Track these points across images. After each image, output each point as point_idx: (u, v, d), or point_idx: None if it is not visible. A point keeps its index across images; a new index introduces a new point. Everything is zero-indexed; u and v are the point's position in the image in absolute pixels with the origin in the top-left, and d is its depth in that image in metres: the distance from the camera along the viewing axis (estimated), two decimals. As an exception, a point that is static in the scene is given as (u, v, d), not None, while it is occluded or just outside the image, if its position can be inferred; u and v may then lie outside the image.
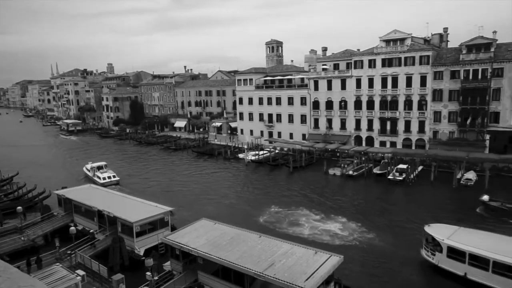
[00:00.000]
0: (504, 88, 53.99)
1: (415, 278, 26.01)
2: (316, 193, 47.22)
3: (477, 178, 48.37)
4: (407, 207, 41.17)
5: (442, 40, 67.38)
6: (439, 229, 27.50)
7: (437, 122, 59.86)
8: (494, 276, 22.68)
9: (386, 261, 28.35)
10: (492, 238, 25.71)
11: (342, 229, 34.79)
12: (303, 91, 73.14)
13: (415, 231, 33.91)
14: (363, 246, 31.14)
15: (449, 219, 35.57)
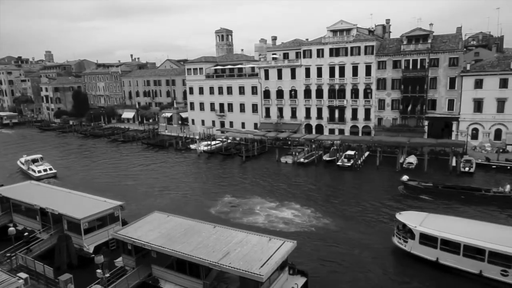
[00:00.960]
0: (439, 77, 57.86)
1: (369, 259, 27.27)
2: (269, 181, 47.95)
3: (418, 162, 51.76)
4: (355, 191, 43.08)
5: (385, 31, 70.62)
6: (409, 216, 27.83)
7: (381, 110, 62.97)
8: (465, 259, 23.58)
9: (339, 244, 29.47)
10: (460, 223, 26.57)
11: (297, 215, 35.67)
12: (254, 80, 73.38)
13: (364, 214, 35.74)
14: (317, 231, 32.15)
15: (387, 199, 38.88)
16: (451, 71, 57.03)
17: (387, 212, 35.77)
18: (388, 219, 33.81)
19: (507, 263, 22.17)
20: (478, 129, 57.06)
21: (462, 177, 46.07)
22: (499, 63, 56.35)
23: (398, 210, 36.23)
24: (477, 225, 26.41)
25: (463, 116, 57.45)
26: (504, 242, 22.69)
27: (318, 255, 27.89)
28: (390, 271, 25.70)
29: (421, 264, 25.76)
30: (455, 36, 59.97)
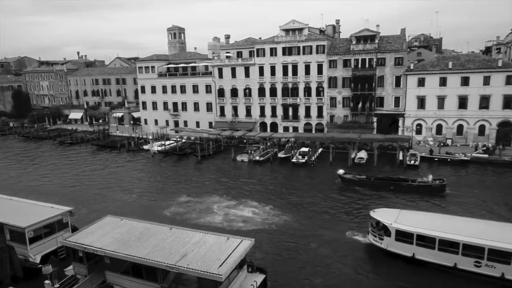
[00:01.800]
0: (386, 76, 60.81)
1: (325, 253, 28.05)
2: (226, 180, 47.82)
3: (368, 157, 54.09)
4: (309, 187, 44.03)
5: (335, 31, 72.93)
6: (383, 213, 28.11)
7: (333, 107, 65.02)
8: (440, 253, 24.20)
9: (297, 240, 29.96)
10: (433, 218, 27.34)
11: (255, 213, 35.83)
12: (208, 79, 72.75)
13: (318, 208, 36.69)
14: (276, 228, 32.47)
15: (334, 193, 40.66)
16: (397, 70, 60.14)
17: (338, 205, 37.08)
18: (338, 212, 35.06)
19: (479, 255, 23.01)
20: (422, 124, 60.72)
21: (408, 170, 48.82)
22: (438, 63, 60.29)
23: (342, 202, 37.69)
24: (449, 219, 27.36)
25: (408, 113, 60.84)
26: (476, 235, 23.63)
27: (276, 251, 28.22)
28: (349, 263, 26.34)
29: (375, 255, 26.98)
30: (399, 37, 63.28)
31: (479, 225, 25.68)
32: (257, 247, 24.99)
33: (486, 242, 22.84)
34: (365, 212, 35.43)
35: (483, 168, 49.02)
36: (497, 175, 46.38)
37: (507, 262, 22.29)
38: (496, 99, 56.35)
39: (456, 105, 58.32)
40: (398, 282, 23.90)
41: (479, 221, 27.05)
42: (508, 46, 67.13)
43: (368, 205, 36.70)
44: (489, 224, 26.13)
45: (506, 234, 23.71)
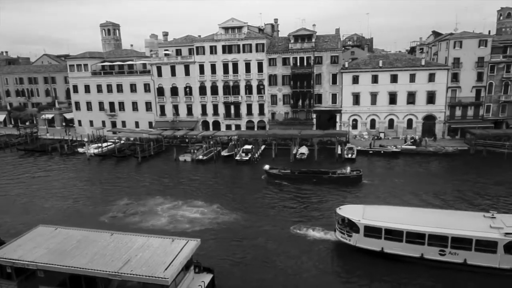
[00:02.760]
0: (323, 73, 63.22)
1: (273, 249, 28.44)
2: (169, 180, 46.63)
3: (309, 152, 55.88)
4: (253, 184, 44.49)
5: (274, 30, 74.24)
6: (349, 210, 28.18)
7: (274, 105, 66.21)
8: (408, 245, 24.88)
9: (243, 237, 30.07)
10: (397, 211, 28.15)
11: (201, 212, 35.32)
12: (146, 78, 70.30)
13: (266, 205, 37.14)
14: (222, 226, 32.28)
15: (276, 189, 41.35)
16: (333, 68, 62.77)
17: (281, 200, 37.95)
18: (282, 207, 35.91)
19: (443, 243, 24.15)
20: (357, 119, 64.10)
21: (346, 163, 51.11)
22: (370, 61, 63.98)
23: (284, 198, 38.41)
24: (413, 211, 28.35)
25: (344, 109, 63.85)
26: (440, 225, 24.75)
27: (224, 249, 28.08)
28: (295, 258, 27.02)
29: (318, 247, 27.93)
30: (334, 36, 66.09)
31: (441, 215, 27.19)
32: (204, 247, 24.64)
33: (450, 231, 24.06)
34: (303, 206, 36.62)
35: (411, 159, 53.02)
36: (415, 164, 50.46)
37: (468, 249, 23.62)
38: (421, 95, 61.19)
39: (387, 101, 62.38)
40: (352, 276, 24.99)
41: (440, 211, 28.91)
42: (430, 46, 73.14)
43: (305, 199, 38.00)
44: (450, 214, 27.98)
45: (465, 222, 25.20)
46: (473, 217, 26.34)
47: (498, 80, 59.89)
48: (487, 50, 59.21)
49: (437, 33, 76.40)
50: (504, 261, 23.21)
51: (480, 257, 23.51)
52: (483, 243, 23.46)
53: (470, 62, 59.69)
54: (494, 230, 23.69)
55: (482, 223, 24.78)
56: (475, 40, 59.52)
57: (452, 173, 46.54)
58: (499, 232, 23.40)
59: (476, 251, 23.52)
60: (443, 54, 62.59)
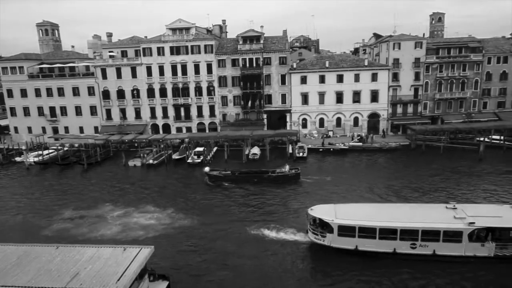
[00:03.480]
0: (272, 74, 64.17)
1: (230, 251, 28.26)
2: (119, 187, 44.77)
3: (261, 152, 56.40)
4: (207, 187, 44.00)
5: (222, 31, 74.06)
6: (321, 210, 28.04)
7: (225, 106, 66.06)
8: (381, 242, 25.44)
9: (199, 240, 29.58)
10: (369, 208, 28.79)
11: (154, 218, 34.32)
12: (90, 80, 67.01)
13: (220, 207, 36.87)
14: (177, 231, 31.53)
15: (227, 190, 41.00)
16: (282, 69, 63.92)
17: (235, 201, 37.97)
18: (237, 208, 35.93)
19: (414, 237, 25.08)
20: (307, 119, 65.80)
21: (298, 161, 52.39)
22: (317, 62, 65.99)
23: (237, 199, 38.35)
24: (383, 208, 29.31)
25: (294, 108, 65.25)
26: (410, 219, 25.75)
27: (180, 255, 27.48)
28: (253, 258, 27.05)
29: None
30: (282, 38, 67.32)
31: (408, 209, 28.47)
32: (159, 254, 23.94)
33: (420, 225, 25.10)
34: (258, 206, 36.92)
35: (358, 155, 55.43)
36: (362, 160, 52.97)
37: (437, 240, 24.86)
38: (365, 94, 64.17)
39: (334, 100, 64.69)
40: (318, 274, 25.43)
41: (406, 205, 30.36)
42: (372, 48, 76.97)
43: (257, 200, 38.39)
44: (416, 207, 29.30)
45: (432, 214, 26.44)
46: (437, 209, 27.80)
47: (433, 79, 64.42)
48: (423, 51, 63.48)
49: (378, 35, 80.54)
50: (468, 249, 24.74)
51: (447, 247, 24.86)
52: (449, 233, 24.79)
53: (408, 63, 63.66)
54: (458, 220, 25.17)
55: (446, 214, 26.18)
56: (411, 42, 63.58)
57: (394, 167, 49.29)
58: (463, 222, 24.91)
59: (443, 241, 24.82)
60: (384, 55, 66.14)
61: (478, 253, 24.77)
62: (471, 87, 65.05)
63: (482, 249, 24.70)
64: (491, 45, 66.46)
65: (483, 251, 24.71)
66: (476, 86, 65.16)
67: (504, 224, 25.03)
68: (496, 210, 27.28)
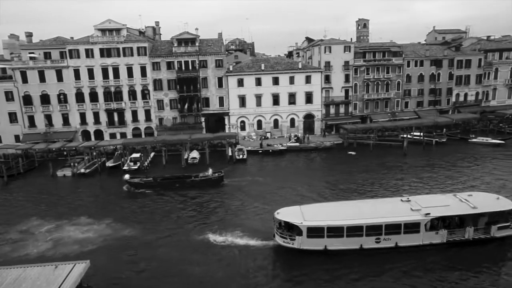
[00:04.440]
0: (209, 77, 63.78)
1: (174, 260, 27.35)
2: (47, 200, 41.21)
3: (200, 156, 55.69)
4: (145, 194, 42.39)
5: (156, 33, 72.01)
6: (287, 213, 27.92)
7: (161, 110, 64.21)
8: (348, 239, 26.15)
9: (141, 250, 28.33)
10: (333, 207, 29.48)
11: (90, 230, 32.13)
12: (8, 84, 61.05)
13: (157, 215, 35.65)
14: (117, 242, 29.86)
15: (163, 197, 39.77)
16: (218, 72, 63.77)
17: (173, 208, 37.09)
18: (176, 215, 35.13)
19: (379, 232, 26.23)
20: (245, 121, 66.35)
21: (238, 164, 52.63)
22: (253, 65, 66.91)
23: (168, 205, 37.64)
24: (347, 205, 30.02)
25: (232, 111, 65.44)
26: (374, 215, 26.79)
27: (119, 267, 25.99)
28: (203, 266, 26.57)
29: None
30: (217, 40, 67.22)
31: (371, 205, 29.41)
32: (97, 268, 22.52)
33: (384, 220, 26.29)
34: (197, 211, 36.45)
35: (296, 155, 57.14)
36: (300, 159, 54.89)
37: (398, 232, 26.27)
38: (300, 95, 66.41)
39: (271, 102, 66.06)
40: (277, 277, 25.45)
41: (365, 201, 31.49)
42: (305, 51, 79.91)
43: (196, 205, 37.95)
44: (375, 203, 30.46)
45: (392, 209, 27.93)
46: (394, 203, 29.42)
47: (361, 81, 68.63)
48: (351, 55, 67.36)
49: (310, 39, 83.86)
50: (425, 238, 26.63)
51: (408, 238, 26.48)
52: (409, 225, 26.40)
53: (338, 66, 67.12)
54: (415, 212, 26.95)
55: (404, 208, 27.82)
56: (341, 46, 67.15)
57: (329, 165, 51.61)
58: (420, 214, 26.74)
59: (404, 233, 26.37)
60: (316, 58, 69.02)
61: (434, 240, 26.75)
62: (394, 88, 70.40)
63: (437, 237, 26.74)
64: (409, 50, 72.56)
65: (437, 238, 26.75)
66: (398, 87, 70.66)
67: (452, 212, 27.40)
68: (443, 199, 29.64)
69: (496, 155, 52.31)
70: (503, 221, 27.38)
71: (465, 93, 74.14)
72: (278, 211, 28.45)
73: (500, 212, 27.41)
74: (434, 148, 57.88)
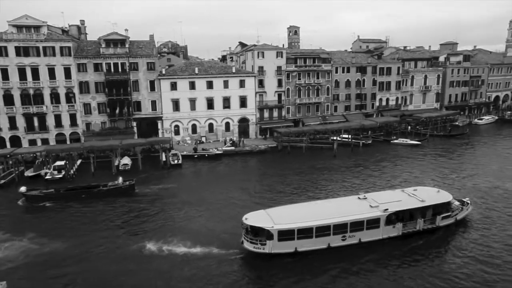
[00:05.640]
0: (140, 80, 61.45)
1: (112, 270, 25.65)
2: (-50, 216, 36.44)
3: (132, 162, 53.27)
4: (72, 205, 39.43)
5: (81, 32, 67.65)
6: (256, 218, 27.68)
7: (88, 114, 60.34)
8: (317, 239, 26.77)
9: (68, 266, 26.15)
10: (301, 209, 29.96)
11: (7, 248, 29.04)
12: None
13: (82, 225, 33.34)
14: (41, 259, 27.31)
15: (90, 207, 37.65)
16: (150, 75, 61.70)
17: (98, 217, 35.08)
18: (101, 225, 33.23)
19: (344, 230, 27.35)
20: (179, 125, 64.95)
21: (173, 169, 51.28)
22: (187, 68, 65.85)
23: (94, 214, 35.82)
24: (313, 206, 30.66)
25: (165, 115, 63.67)
26: (340, 214, 27.86)
27: (46, 285, 23.81)
28: (132, 281, 25.24)
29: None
30: (149, 42, 65.06)
31: (334, 204, 30.64)
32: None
33: (348, 218, 27.54)
34: (126, 220, 34.94)
35: (231, 159, 57.25)
36: (236, 163, 55.26)
37: (361, 229, 27.71)
38: (234, 99, 66.78)
39: (205, 106, 65.50)
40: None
41: (329, 201, 32.78)
42: (238, 55, 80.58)
43: (120, 214, 36.38)
44: (337, 202, 31.87)
45: (354, 207, 29.26)
46: (353, 201, 31.04)
47: (293, 86, 70.99)
48: (283, 60, 69.39)
49: (243, 44, 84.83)
50: (384, 232, 28.52)
51: (370, 233, 28.08)
52: (371, 221, 28.02)
53: (271, 70, 68.72)
54: (375, 209, 28.76)
55: (363, 205, 29.52)
56: (273, 51, 68.86)
57: (264, 168, 52.49)
58: (379, 210, 28.58)
59: (366, 229, 27.90)
60: (250, 63, 69.95)
61: (391, 234, 28.79)
62: (324, 93, 73.87)
63: (394, 230, 28.83)
64: (337, 56, 76.77)
65: (394, 231, 28.85)
66: (328, 92, 74.30)
67: (406, 206, 29.65)
68: (395, 195, 32.06)
69: (414, 154, 57.30)
70: (445, 212, 30.70)
71: (386, 98, 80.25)
72: (246, 216, 28.19)
73: (442, 204, 30.71)
74: (361, 150, 61.69)
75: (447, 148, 61.13)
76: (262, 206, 33.89)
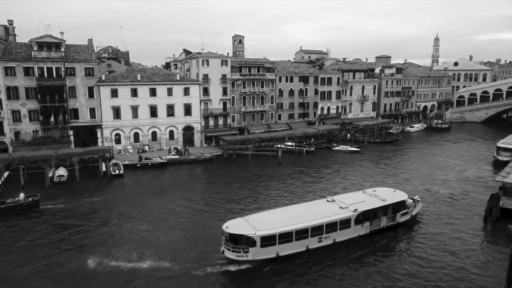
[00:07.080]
0: (78, 86, 58.13)
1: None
2: None
3: (69, 173, 49.95)
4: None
5: (9, 33, 62.54)
6: (236, 226, 27.75)
7: (17, 122, 55.74)
8: (296, 243, 27.60)
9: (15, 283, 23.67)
10: (278, 214, 30.80)
11: None
12: None
13: (17, 243, 30.61)
14: None
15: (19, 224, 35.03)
16: (88, 81, 58.62)
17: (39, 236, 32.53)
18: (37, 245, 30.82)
19: (320, 232, 28.52)
20: (120, 134, 62.24)
21: (113, 180, 48.90)
22: (128, 75, 63.56)
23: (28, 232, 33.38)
24: (288, 211, 31.56)
25: (105, 123, 60.72)
26: (314, 217, 29.04)
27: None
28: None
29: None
30: (87, 47, 61.89)
31: (308, 208, 31.97)
32: None
33: (324, 220, 28.80)
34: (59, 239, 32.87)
35: (176, 167, 55.98)
36: (180, 172, 54.31)
37: (335, 230, 29.17)
38: (178, 107, 65.58)
39: (148, 114, 63.54)
40: None
41: (303, 204, 33.93)
42: (183, 63, 79.55)
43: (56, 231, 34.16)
44: (311, 205, 33.17)
45: (327, 209, 30.80)
46: (323, 203, 32.53)
47: (238, 94, 71.43)
48: (228, 69, 69.64)
49: (188, 51, 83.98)
50: (355, 231, 30.33)
51: (342, 234, 29.67)
52: (343, 222, 29.61)
53: (216, 79, 68.59)
54: (345, 210, 30.54)
55: (334, 207, 31.18)
56: (218, 60, 68.87)
57: (209, 177, 52.00)
58: (349, 210, 30.43)
59: (340, 230, 29.43)
60: (194, 70, 69.28)
61: (361, 232, 30.67)
62: (269, 102, 75.20)
63: (362, 229, 30.76)
64: (281, 66, 78.71)
65: (363, 230, 30.80)
66: (272, 101, 75.74)
67: (371, 206, 31.81)
68: (358, 196, 34.14)
69: (354, 160, 60.16)
70: (402, 209, 33.47)
71: (328, 107, 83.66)
72: (226, 224, 28.19)
73: (400, 202, 33.68)
74: (305, 157, 63.49)
75: (383, 154, 65.04)
76: (210, 215, 33.51)
